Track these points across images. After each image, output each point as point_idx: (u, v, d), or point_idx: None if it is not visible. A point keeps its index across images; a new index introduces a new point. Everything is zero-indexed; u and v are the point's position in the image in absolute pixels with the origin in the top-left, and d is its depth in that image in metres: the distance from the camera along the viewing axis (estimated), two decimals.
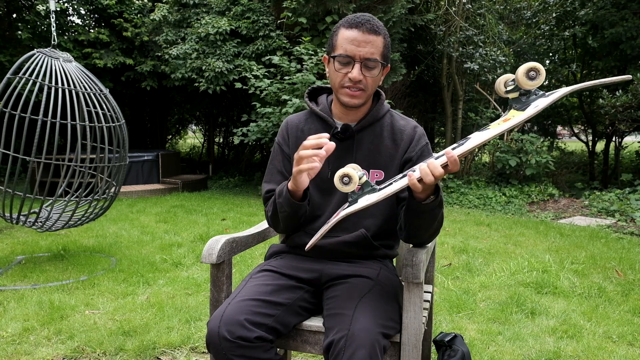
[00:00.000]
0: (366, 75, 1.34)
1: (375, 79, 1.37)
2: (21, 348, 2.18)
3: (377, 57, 1.34)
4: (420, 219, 1.26)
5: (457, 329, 2.43)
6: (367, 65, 1.33)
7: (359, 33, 1.32)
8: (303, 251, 1.46)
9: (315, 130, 1.47)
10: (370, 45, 1.32)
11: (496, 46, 7.90)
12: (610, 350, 2.21)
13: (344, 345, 1.13)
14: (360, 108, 1.42)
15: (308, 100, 1.52)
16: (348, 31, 1.33)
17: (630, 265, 3.56)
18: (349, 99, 1.37)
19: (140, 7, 8.50)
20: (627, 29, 7.09)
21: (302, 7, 6.52)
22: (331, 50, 1.38)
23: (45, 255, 3.71)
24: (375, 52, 1.33)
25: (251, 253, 3.81)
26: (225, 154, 12.38)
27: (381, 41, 1.34)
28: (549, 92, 1.11)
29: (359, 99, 1.37)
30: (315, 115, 1.50)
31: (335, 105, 1.46)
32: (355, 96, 1.36)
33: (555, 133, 10.78)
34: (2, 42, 8.00)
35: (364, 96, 1.37)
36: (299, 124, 1.51)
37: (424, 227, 1.29)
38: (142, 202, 6.43)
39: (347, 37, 1.33)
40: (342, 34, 1.34)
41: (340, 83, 1.36)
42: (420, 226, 1.29)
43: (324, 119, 1.46)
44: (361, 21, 1.32)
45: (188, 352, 2.18)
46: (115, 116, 3.51)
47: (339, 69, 1.35)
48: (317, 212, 1.45)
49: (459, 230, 4.84)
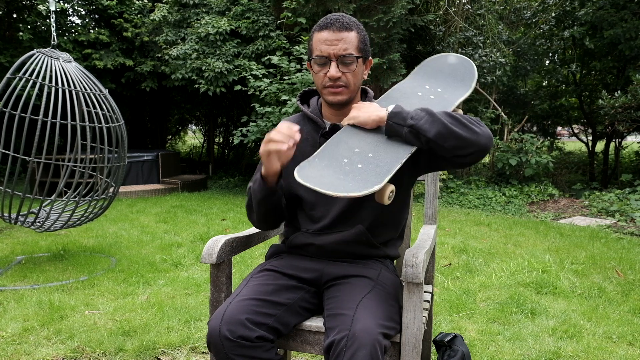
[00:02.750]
0: (344, 71, 1.36)
1: (355, 73, 1.38)
2: (21, 348, 2.17)
3: (352, 51, 1.36)
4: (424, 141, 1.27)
5: (457, 329, 2.43)
6: (344, 62, 1.35)
7: (330, 32, 1.34)
8: (303, 251, 1.47)
9: (307, 131, 1.49)
10: (342, 41, 1.34)
11: (496, 47, 7.90)
12: (610, 351, 2.21)
13: (345, 345, 1.13)
14: (347, 106, 1.43)
15: (300, 103, 1.55)
16: (320, 33, 1.36)
17: (630, 265, 3.56)
18: (332, 97, 1.39)
19: (140, 8, 8.50)
20: (626, 30, 7.10)
21: (302, 7, 6.52)
22: (310, 55, 1.41)
23: (45, 256, 3.71)
24: (349, 48, 1.35)
25: (251, 253, 3.81)
26: (225, 154, 12.38)
27: (354, 36, 1.36)
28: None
29: (342, 95, 1.39)
30: (306, 116, 1.52)
31: (324, 106, 1.49)
32: (337, 93, 1.38)
33: (555, 133, 10.77)
34: (3, 43, 7.99)
35: (347, 92, 1.39)
36: (296, 124, 1.53)
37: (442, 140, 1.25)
38: (142, 202, 6.43)
39: (320, 38, 1.36)
40: (315, 38, 1.38)
41: (322, 84, 1.39)
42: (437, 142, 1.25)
43: (314, 120, 1.49)
44: (330, 21, 1.36)
45: (188, 352, 2.18)
46: (115, 116, 3.51)
47: (318, 70, 1.38)
48: (311, 212, 1.44)
49: (459, 230, 4.84)
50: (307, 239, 1.44)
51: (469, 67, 1.54)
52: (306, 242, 1.44)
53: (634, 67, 7.83)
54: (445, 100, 1.45)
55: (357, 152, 1.29)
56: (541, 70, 9.94)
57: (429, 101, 1.45)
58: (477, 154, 1.25)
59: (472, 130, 1.25)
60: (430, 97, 1.47)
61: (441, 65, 1.57)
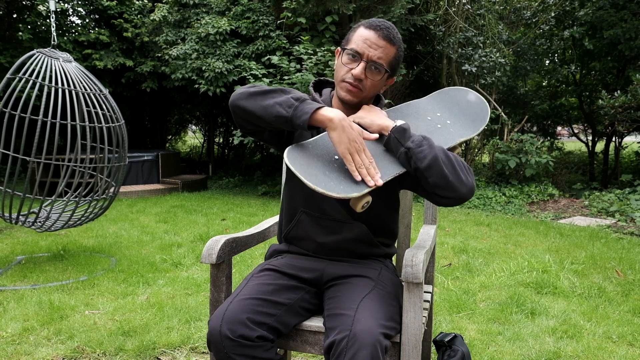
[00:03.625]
0: (368, 76, 1.36)
1: (376, 83, 1.38)
2: (21, 348, 2.17)
3: (384, 63, 1.36)
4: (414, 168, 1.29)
5: (457, 329, 2.43)
6: (372, 68, 1.36)
7: (374, 35, 1.35)
8: (302, 248, 1.47)
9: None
10: (381, 50, 1.35)
11: (496, 47, 7.90)
12: (610, 351, 2.21)
13: (345, 345, 1.13)
14: (356, 107, 1.43)
15: (313, 90, 1.54)
16: (366, 31, 1.36)
17: (630, 265, 3.57)
18: (345, 93, 1.39)
19: (140, 8, 8.50)
20: (625, 30, 7.10)
21: (302, 7, 6.52)
22: (345, 44, 1.40)
23: (45, 256, 3.71)
24: (383, 58, 1.36)
25: (251, 253, 3.81)
26: (225, 154, 12.38)
27: (393, 51, 1.37)
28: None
29: (355, 96, 1.39)
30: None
31: (335, 100, 1.48)
32: (351, 92, 1.38)
33: (555, 133, 10.76)
34: (3, 43, 7.99)
35: (360, 95, 1.39)
36: None
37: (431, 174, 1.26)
38: (142, 202, 6.43)
39: (363, 35, 1.36)
40: (359, 32, 1.37)
41: (342, 76, 1.39)
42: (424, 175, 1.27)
43: None
44: (380, 26, 1.35)
45: (188, 352, 2.18)
46: (115, 116, 3.51)
47: (346, 62, 1.38)
48: (309, 196, 1.43)
49: (459, 230, 4.85)
50: (308, 229, 1.42)
51: (484, 111, 1.55)
52: (306, 236, 1.43)
53: (634, 67, 7.83)
54: (450, 134, 1.47)
55: None
56: (541, 70, 9.94)
57: (434, 129, 1.46)
58: (453, 200, 1.28)
59: (459, 177, 1.26)
60: (437, 125, 1.48)
61: (459, 99, 1.59)
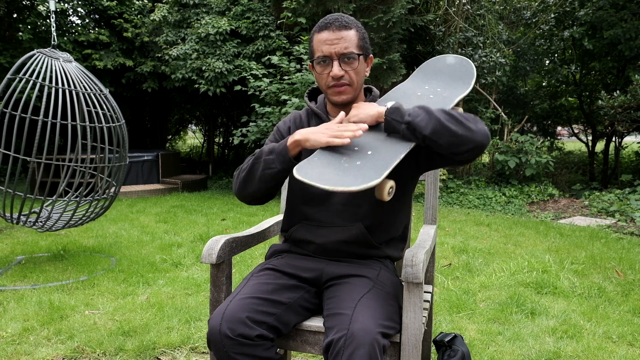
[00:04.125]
0: (347, 69, 1.38)
1: (357, 71, 1.40)
2: (21, 348, 2.18)
3: (353, 49, 1.37)
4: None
5: (457, 329, 2.43)
6: (345, 60, 1.37)
7: (329, 32, 1.36)
8: (304, 249, 1.47)
9: (312, 126, 1.50)
10: (342, 40, 1.36)
11: (496, 47, 7.90)
12: (610, 351, 2.21)
13: (343, 344, 1.13)
14: (351, 104, 1.44)
15: (308, 99, 1.57)
16: (320, 34, 1.38)
17: (630, 265, 3.57)
18: (337, 96, 1.41)
19: (140, 8, 8.50)
20: (625, 30, 7.10)
21: (302, 7, 6.52)
22: (311, 56, 1.42)
23: (45, 256, 3.71)
24: (349, 46, 1.37)
25: (251, 253, 3.81)
26: (225, 154, 12.39)
27: (354, 34, 1.38)
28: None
29: (347, 94, 1.40)
30: (313, 112, 1.54)
31: (330, 105, 1.50)
32: (341, 92, 1.40)
33: (555, 133, 10.77)
34: (3, 43, 7.99)
35: (350, 91, 1.41)
36: (303, 118, 1.57)
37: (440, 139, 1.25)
38: (142, 202, 6.43)
39: (321, 39, 1.38)
40: (316, 39, 1.39)
41: (326, 84, 1.41)
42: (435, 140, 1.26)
43: (319, 115, 1.51)
44: (329, 21, 1.37)
45: (188, 352, 2.18)
46: (115, 116, 3.52)
47: (321, 71, 1.40)
48: (311, 201, 1.44)
49: (459, 230, 4.85)
50: (308, 234, 1.44)
51: (468, 66, 1.55)
52: (307, 239, 1.44)
53: (634, 67, 7.83)
54: (445, 99, 1.46)
55: (356, 150, 1.29)
56: (541, 70, 9.95)
57: (428, 100, 1.46)
58: (473, 151, 1.26)
59: (468, 127, 1.25)
60: (429, 96, 1.48)
61: (440, 66, 1.59)
